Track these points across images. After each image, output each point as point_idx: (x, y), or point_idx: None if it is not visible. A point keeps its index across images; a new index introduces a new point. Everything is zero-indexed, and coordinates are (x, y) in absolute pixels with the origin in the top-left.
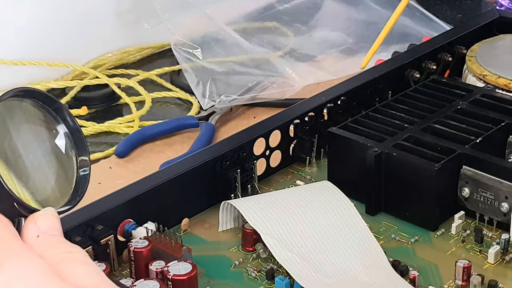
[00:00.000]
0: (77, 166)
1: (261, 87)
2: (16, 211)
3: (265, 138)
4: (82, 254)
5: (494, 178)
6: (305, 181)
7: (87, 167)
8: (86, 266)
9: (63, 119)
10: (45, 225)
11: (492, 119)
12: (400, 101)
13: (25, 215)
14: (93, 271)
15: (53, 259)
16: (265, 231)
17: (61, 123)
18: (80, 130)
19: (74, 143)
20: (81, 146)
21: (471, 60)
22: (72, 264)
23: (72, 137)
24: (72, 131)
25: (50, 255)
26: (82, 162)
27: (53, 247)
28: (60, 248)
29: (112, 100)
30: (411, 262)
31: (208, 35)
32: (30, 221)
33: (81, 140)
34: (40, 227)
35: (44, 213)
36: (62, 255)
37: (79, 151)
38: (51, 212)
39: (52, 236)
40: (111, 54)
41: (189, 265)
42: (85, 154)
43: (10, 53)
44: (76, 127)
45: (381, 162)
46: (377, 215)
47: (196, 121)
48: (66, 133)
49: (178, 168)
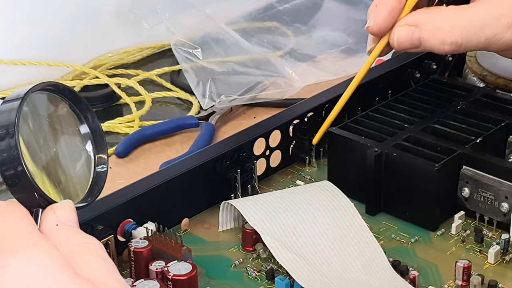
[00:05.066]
0: (95, 163)
1: (261, 87)
2: (35, 202)
3: (265, 138)
4: (98, 247)
5: (494, 178)
6: (305, 181)
7: (105, 164)
8: (100, 259)
9: (86, 117)
10: (64, 215)
11: (492, 119)
12: (400, 101)
13: (43, 206)
14: (107, 266)
15: (69, 250)
16: (265, 231)
17: (84, 121)
18: (101, 130)
19: (94, 141)
20: (100, 144)
21: (471, 60)
22: (88, 256)
23: (92, 136)
24: (94, 130)
25: (66, 245)
26: (100, 159)
27: (70, 237)
28: (78, 238)
29: (112, 100)
30: (411, 262)
31: (208, 35)
32: (49, 211)
33: (101, 139)
34: (59, 217)
35: (62, 204)
36: (78, 246)
37: (98, 149)
38: (69, 204)
39: (70, 227)
40: (111, 54)
41: (189, 265)
42: (103, 152)
43: (10, 53)
44: (98, 126)
45: (381, 162)
46: (377, 215)
47: (196, 121)
48: (88, 131)
49: (178, 168)
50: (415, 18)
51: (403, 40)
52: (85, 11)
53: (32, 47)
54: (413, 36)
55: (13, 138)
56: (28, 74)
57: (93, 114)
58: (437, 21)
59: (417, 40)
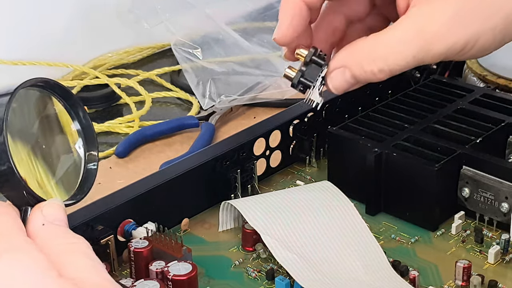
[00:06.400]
0: (85, 160)
1: (261, 87)
2: (24, 200)
3: (265, 138)
4: (85, 246)
5: (494, 178)
6: (305, 181)
7: (95, 162)
8: (87, 259)
9: (77, 114)
10: (51, 214)
11: (492, 119)
12: (400, 101)
13: (32, 204)
14: (94, 265)
15: (55, 249)
16: (265, 231)
17: (75, 118)
18: (92, 127)
19: (85, 139)
20: (91, 141)
21: (471, 60)
22: (74, 255)
23: (83, 133)
24: (85, 127)
25: (53, 245)
26: (90, 156)
27: (57, 236)
28: (64, 238)
29: (112, 100)
30: (411, 262)
31: (208, 35)
32: (36, 209)
33: (92, 136)
34: (46, 216)
35: (50, 203)
36: (65, 245)
37: (89, 146)
38: (57, 203)
39: (57, 226)
40: (111, 54)
41: (189, 265)
42: (94, 149)
43: (10, 53)
44: (89, 123)
45: (381, 162)
46: (377, 215)
47: (196, 121)
48: (79, 128)
49: (178, 168)
50: (340, 59)
51: (340, 85)
52: (85, 11)
53: (32, 47)
54: (346, 78)
55: (1, 135)
56: (28, 74)
57: (85, 111)
58: (359, 56)
59: (351, 78)
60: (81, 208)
